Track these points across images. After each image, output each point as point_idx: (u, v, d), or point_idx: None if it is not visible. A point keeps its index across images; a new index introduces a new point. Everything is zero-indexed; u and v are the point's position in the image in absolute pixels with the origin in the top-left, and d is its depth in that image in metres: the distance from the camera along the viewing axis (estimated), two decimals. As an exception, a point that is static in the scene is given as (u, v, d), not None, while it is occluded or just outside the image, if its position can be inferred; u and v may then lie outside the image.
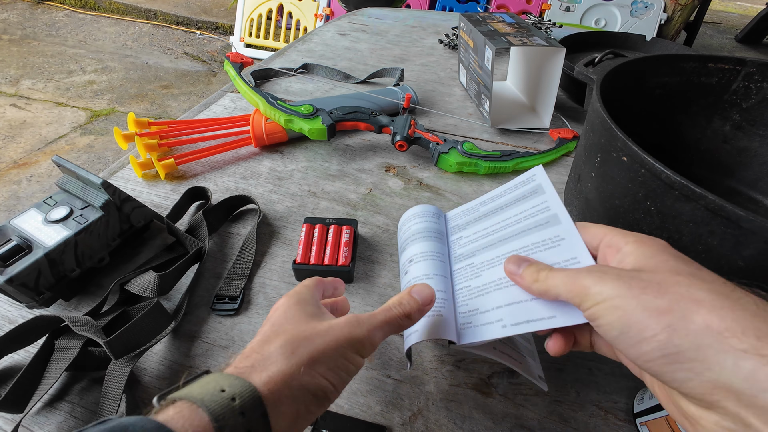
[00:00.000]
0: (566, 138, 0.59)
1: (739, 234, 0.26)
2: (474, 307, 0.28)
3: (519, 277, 0.25)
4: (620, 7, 1.96)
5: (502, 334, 0.25)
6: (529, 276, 0.24)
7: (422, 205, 0.39)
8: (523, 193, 0.31)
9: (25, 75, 2.26)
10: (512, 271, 0.25)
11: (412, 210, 0.39)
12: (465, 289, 0.30)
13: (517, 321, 0.25)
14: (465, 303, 0.29)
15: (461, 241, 0.34)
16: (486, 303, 0.28)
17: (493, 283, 0.28)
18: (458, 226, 0.36)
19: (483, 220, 0.34)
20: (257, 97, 0.55)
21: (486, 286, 0.28)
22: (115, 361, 0.31)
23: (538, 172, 0.32)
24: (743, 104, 0.44)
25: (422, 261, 0.33)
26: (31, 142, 1.77)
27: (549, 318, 0.24)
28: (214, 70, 2.48)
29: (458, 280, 0.31)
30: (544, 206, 0.29)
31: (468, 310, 0.29)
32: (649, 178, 0.30)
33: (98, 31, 2.84)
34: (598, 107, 0.36)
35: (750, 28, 2.68)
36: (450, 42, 0.94)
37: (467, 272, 0.31)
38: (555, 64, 0.57)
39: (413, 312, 0.26)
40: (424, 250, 0.34)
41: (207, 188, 0.47)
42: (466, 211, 0.37)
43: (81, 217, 0.37)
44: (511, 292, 0.26)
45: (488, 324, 0.26)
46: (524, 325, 0.24)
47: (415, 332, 0.29)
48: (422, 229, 0.37)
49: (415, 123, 0.55)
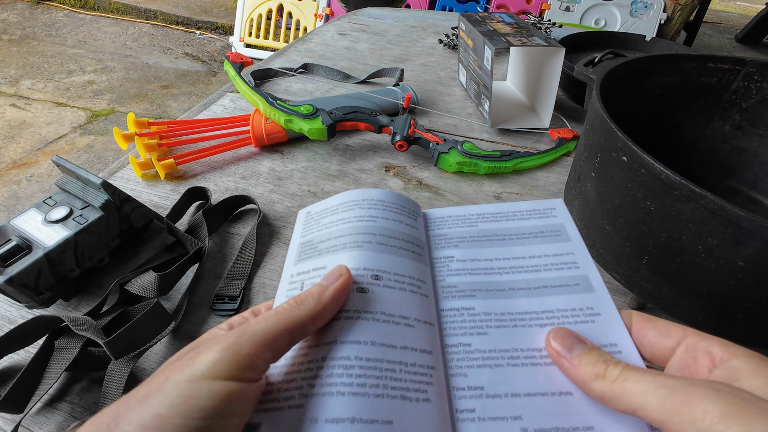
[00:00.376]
0: (566, 138, 0.59)
1: (738, 234, 0.26)
2: (478, 384, 0.18)
3: (570, 363, 0.17)
4: (620, 7, 1.96)
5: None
6: (590, 368, 0.16)
7: (383, 191, 0.26)
8: (540, 229, 0.24)
9: (24, 75, 2.26)
10: (560, 352, 0.18)
11: (364, 192, 0.25)
12: (462, 349, 0.20)
13: (543, 425, 0.17)
14: (463, 372, 0.19)
15: (452, 264, 0.23)
16: (497, 382, 0.18)
17: (507, 354, 0.19)
18: (446, 239, 0.25)
19: (485, 245, 0.24)
20: (257, 97, 0.55)
21: (496, 354, 0.19)
22: (115, 362, 0.31)
23: (558, 207, 0.25)
24: (743, 104, 0.44)
25: (394, 289, 0.20)
26: (30, 142, 1.77)
27: (584, 429, 0.17)
28: (213, 70, 2.48)
29: (452, 331, 0.20)
30: (570, 259, 0.22)
31: (469, 386, 0.18)
32: (648, 177, 0.30)
33: (98, 31, 2.84)
34: (597, 107, 0.36)
35: (750, 28, 2.68)
36: (450, 42, 0.94)
37: (465, 321, 0.21)
38: (555, 64, 0.57)
39: (309, 296, 0.18)
40: (398, 270, 0.21)
41: (207, 188, 0.47)
42: (458, 219, 0.26)
43: (81, 217, 0.37)
44: (535, 374, 0.18)
45: (501, 420, 0.17)
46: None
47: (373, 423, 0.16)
48: (395, 231, 0.23)
49: (415, 123, 0.55)
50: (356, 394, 0.16)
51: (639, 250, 0.33)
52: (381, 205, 0.24)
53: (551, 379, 0.18)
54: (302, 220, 0.26)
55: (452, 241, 0.25)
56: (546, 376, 0.18)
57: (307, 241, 0.24)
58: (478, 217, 0.26)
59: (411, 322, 0.19)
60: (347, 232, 0.23)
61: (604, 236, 0.37)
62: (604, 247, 0.37)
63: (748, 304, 0.28)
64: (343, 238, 0.22)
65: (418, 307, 0.20)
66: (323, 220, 0.25)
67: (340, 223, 0.24)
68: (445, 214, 0.27)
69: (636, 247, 0.33)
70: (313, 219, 0.25)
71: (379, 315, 0.19)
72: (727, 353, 0.16)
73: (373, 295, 0.20)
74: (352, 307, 0.19)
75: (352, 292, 0.20)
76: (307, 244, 0.24)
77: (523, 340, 0.20)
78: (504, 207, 0.26)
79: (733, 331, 0.31)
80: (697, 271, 0.29)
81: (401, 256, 0.22)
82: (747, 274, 0.27)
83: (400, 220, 0.24)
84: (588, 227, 0.40)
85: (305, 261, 0.23)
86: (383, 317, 0.19)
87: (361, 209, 0.24)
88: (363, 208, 0.24)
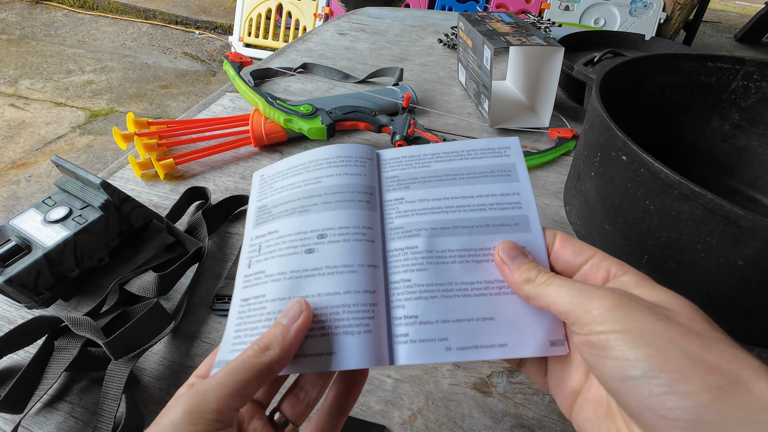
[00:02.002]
0: (565, 137, 0.59)
1: (738, 233, 0.26)
2: (413, 313, 0.21)
3: (509, 269, 0.21)
4: (619, 6, 1.96)
5: (446, 358, 0.20)
6: (523, 273, 0.20)
7: (328, 147, 0.27)
8: (491, 167, 0.26)
9: (23, 75, 2.26)
10: (504, 260, 0.21)
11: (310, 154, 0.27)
12: (403, 284, 0.22)
13: (464, 344, 0.20)
14: (401, 304, 0.22)
15: (401, 206, 0.25)
16: (430, 311, 0.21)
17: (441, 287, 0.22)
18: (398, 180, 0.26)
19: (435, 185, 0.25)
20: (256, 97, 0.55)
21: (432, 287, 0.22)
22: (114, 362, 0.31)
23: (513, 146, 0.26)
24: (742, 103, 0.44)
25: (338, 242, 0.23)
26: (30, 142, 1.77)
27: (499, 346, 0.20)
28: (213, 69, 2.48)
29: (395, 269, 0.23)
30: (515, 199, 0.24)
31: (405, 315, 0.21)
32: (648, 177, 0.30)
33: (97, 30, 2.84)
34: (597, 106, 0.36)
35: (749, 28, 2.68)
36: (449, 41, 0.94)
37: (408, 259, 0.23)
38: (554, 64, 0.57)
39: (273, 340, 0.19)
40: (343, 224, 0.23)
41: (206, 188, 0.47)
42: (411, 160, 0.27)
43: (80, 217, 0.37)
44: (464, 303, 0.21)
45: (429, 341, 0.20)
46: (471, 351, 0.20)
47: (320, 356, 0.20)
48: (340, 186, 0.25)
49: (415, 122, 0.55)
50: (307, 336, 0.20)
51: (638, 250, 0.33)
52: (326, 163, 0.26)
53: (478, 307, 0.21)
54: (257, 183, 0.28)
55: (404, 182, 0.26)
56: (474, 305, 0.21)
57: (262, 205, 0.26)
58: (432, 156, 0.27)
59: (355, 268, 0.22)
60: (296, 197, 0.25)
61: (604, 235, 0.37)
62: (604, 246, 0.37)
63: (748, 303, 0.28)
64: (293, 203, 0.25)
65: (362, 253, 0.23)
66: (276, 185, 0.26)
67: (290, 187, 0.26)
68: (399, 154, 0.27)
69: (635, 246, 0.33)
70: (267, 183, 0.27)
71: (324, 269, 0.22)
72: (621, 270, 0.19)
73: (318, 253, 0.22)
74: (300, 267, 0.22)
75: (302, 254, 0.22)
76: (262, 209, 0.26)
77: (458, 274, 0.22)
78: (459, 146, 0.27)
79: (733, 330, 0.31)
80: (696, 271, 0.29)
81: (347, 208, 0.24)
82: (746, 273, 0.27)
83: (346, 172, 0.26)
84: (588, 226, 0.40)
85: (261, 225, 0.25)
86: (328, 270, 0.22)
87: (308, 172, 0.26)
88: (309, 170, 0.26)
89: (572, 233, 0.45)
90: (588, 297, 0.17)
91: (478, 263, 0.23)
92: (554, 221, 0.47)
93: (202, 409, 0.16)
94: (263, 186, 0.27)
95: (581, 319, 0.17)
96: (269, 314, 0.21)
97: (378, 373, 0.33)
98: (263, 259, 0.23)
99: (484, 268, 0.22)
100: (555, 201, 0.50)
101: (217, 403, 0.17)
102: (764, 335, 0.31)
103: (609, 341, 0.16)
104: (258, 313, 0.21)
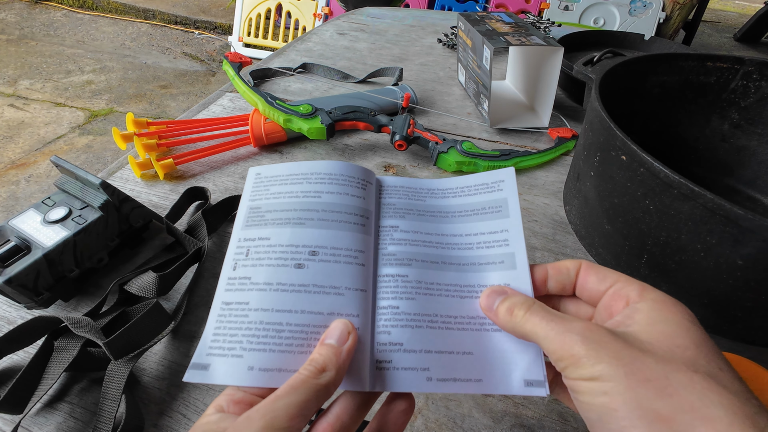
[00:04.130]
0: (565, 137, 0.60)
1: (737, 233, 0.26)
2: (398, 340, 0.21)
3: (493, 313, 0.22)
4: (619, 6, 1.96)
5: (426, 389, 0.20)
6: (502, 313, 0.21)
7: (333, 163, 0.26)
8: (482, 204, 0.26)
9: (23, 75, 2.26)
10: (487, 306, 0.22)
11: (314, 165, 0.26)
12: (391, 311, 0.22)
13: (444, 376, 0.21)
14: (387, 331, 0.22)
15: (395, 233, 0.25)
16: (415, 340, 0.21)
17: (428, 318, 0.22)
18: (395, 208, 0.27)
19: (429, 220, 0.26)
20: (256, 97, 0.55)
21: (419, 317, 0.22)
22: (114, 362, 0.31)
23: (507, 179, 0.26)
24: (742, 103, 0.44)
25: (329, 263, 0.23)
26: (29, 143, 1.77)
27: (475, 381, 0.21)
28: (212, 69, 2.48)
29: (384, 294, 0.23)
30: (503, 237, 0.25)
31: (390, 342, 0.21)
32: (647, 176, 0.30)
33: (96, 30, 2.84)
34: (596, 106, 0.36)
35: (748, 27, 2.68)
36: (449, 41, 0.94)
37: (398, 287, 0.23)
38: (554, 64, 0.57)
39: (328, 362, 0.19)
40: (336, 244, 0.23)
41: (206, 188, 0.47)
42: (408, 191, 0.28)
43: (80, 217, 0.37)
44: (447, 336, 0.22)
45: (412, 370, 0.21)
46: (450, 384, 0.20)
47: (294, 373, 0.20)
48: (338, 205, 0.25)
49: (414, 122, 0.55)
50: (284, 351, 0.20)
51: (638, 249, 0.33)
52: (328, 179, 0.26)
53: (459, 341, 0.22)
54: (252, 180, 0.27)
55: (399, 211, 0.26)
56: (455, 339, 0.22)
57: (255, 206, 0.25)
58: (427, 192, 0.28)
59: (341, 291, 0.22)
60: (293, 207, 0.25)
61: (604, 235, 0.37)
62: (603, 245, 0.37)
63: (747, 303, 0.28)
64: (289, 212, 0.24)
65: (351, 276, 0.23)
66: (273, 188, 0.26)
67: (288, 196, 0.25)
68: (398, 183, 0.28)
69: (635, 245, 0.33)
70: (263, 184, 0.26)
71: (311, 287, 0.22)
72: (639, 297, 0.19)
73: (308, 270, 0.22)
74: (288, 281, 0.22)
75: (291, 268, 0.22)
76: (255, 210, 0.25)
77: (444, 307, 0.23)
78: (453, 182, 0.28)
79: (733, 330, 0.31)
80: (696, 270, 0.29)
81: (342, 229, 0.24)
82: (746, 272, 0.27)
83: (346, 192, 0.26)
84: (587, 226, 0.40)
85: (252, 228, 0.24)
86: (315, 289, 0.22)
87: (309, 184, 0.25)
88: (311, 182, 0.26)
89: (572, 233, 0.45)
90: (563, 339, 0.18)
91: (462, 299, 0.23)
92: (554, 221, 0.47)
93: (275, 427, 0.16)
94: (258, 185, 0.27)
95: (558, 363, 0.18)
96: (251, 323, 0.21)
97: (378, 373, 0.33)
98: (250, 265, 0.23)
99: (467, 304, 0.23)
100: (555, 201, 0.50)
101: (288, 422, 0.17)
102: (764, 334, 0.31)
103: (577, 386, 0.17)
104: (239, 320, 0.21)
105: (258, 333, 0.21)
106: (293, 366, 0.20)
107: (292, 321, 0.21)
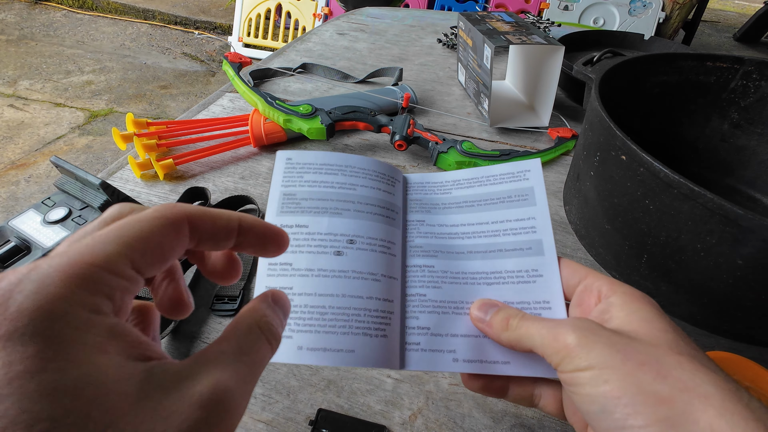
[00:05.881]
0: (565, 137, 0.60)
1: (737, 232, 0.26)
2: (426, 325, 0.23)
3: (486, 325, 0.22)
4: (619, 6, 1.96)
5: (452, 369, 0.22)
6: (498, 324, 0.21)
7: (365, 158, 0.27)
8: (509, 193, 0.27)
9: (22, 75, 2.26)
10: (479, 318, 0.22)
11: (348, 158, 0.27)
12: (419, 298, 0.24)
13: (470, 358, 0.22)
14: (416, 316, 0.24)
15: (422, 227, 0.27)
16: (441, 325, 0.23)
17: (453, 304, 0.24)
18: (420, 203, 0.28)
19: (455, 212, 0.27)
20: (256, 97, 0.55)
21: (445, 304, 0.24)
22: (114, 362, 0.31)
23: (533, 169, 0.27)
24: (741, 103, 0.44)
25: (365, 251, 0.24)
26: (29, 143, 1.77)
27: (503, 363, 0.22)
28: (212, 70, 2.48)
29: (412, 283, 0.25)
30: (530, 224, 0.25)
31: (418, 326, 0.23)
32: (647, 176, 0.30)
33: (96, 31, 2.84)
34: (596, 106, 0.36)
35: (748, 27, 2.69)
36: (449, 41, 0.94)
37: (425, 276, 0.25)
38: (554, 63, 0.57)
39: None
40: (371, 234, 0.25)
41: (206, 188, 0.47)
42: (434, 186, 0.29)
43: (80, 217, 0.37)
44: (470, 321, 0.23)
45: (438, 352, 0.22)
46: (476, 365, 0.22)
47: (340, 351, 0.21)
48: (372, 198, 0.26)
49: (414, 122, 0.55)
50: (328, 332, 0.21)
51: (638, 249, 0.33)
52: (362, 173, 0.27)
53: None
54: (282, 164, 0.27)
55: (426, 206, 0.28)
56: None
57: (289, 192, 0.26)
58: (453, 183, 0.28)
59: (378, 277, 0.24)
60: (330, 197, 0.25)
61: (604, 235, 0.37)
62: (603, 246, 0.37)
63: (747, 303, 0.28)
64: (326, 202, 0.25)
65: (384, 265, 0.24)
66: (306, 176, 0.26)
67: (323, 185, 0.26)
68: (424, 180, 0.29)
69: (635, 245, 0.33)
70: (295, 170, 0.27)
71: (350, 273, 0.23)
72: (610, 291, 0.20)
73: (346, 257, 0.24)
74: (329, 267, 0.23)
75: (331, 255, 0.23)
76: (289, 197, 0.26)
77: (470, 294, 0.24)
78: (480, 172, 0.28)
79: (733, 330, 0.31)
80: (696, 270, 0.29)
81: (375, 221, 0.25)
82: (746, 272, 0.27)
83: (378, 187, 0.27)
84: (587, 226, 0.40)
85: (287, 215, 0.25)
86: (354, 275, 0.23)
87: (344, 176, 0.26)
88: (346, 174, 0.26)
89: (571, 233, 0.45)
90: (555, 336, 0.18)
91: (489, 285, 0.24)
92: (554, 221, 0.47)
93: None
94: (290, 171, 0.26)
95: (552, 358, 0.18)
96: (296, 307, 0.22)
97: (378, 372, 0.33)
98: (290, 251, 0.23)
99: (494, 290, 0.24)
100: (554, 200, 0.50)
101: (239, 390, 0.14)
102: (764, 334, 0.31)
103: (575, 380, 0.17)
104: None
105: (304, 315, 0.22)
106: (337, 346, 0.21)
107: (335, 304, 0.22)
